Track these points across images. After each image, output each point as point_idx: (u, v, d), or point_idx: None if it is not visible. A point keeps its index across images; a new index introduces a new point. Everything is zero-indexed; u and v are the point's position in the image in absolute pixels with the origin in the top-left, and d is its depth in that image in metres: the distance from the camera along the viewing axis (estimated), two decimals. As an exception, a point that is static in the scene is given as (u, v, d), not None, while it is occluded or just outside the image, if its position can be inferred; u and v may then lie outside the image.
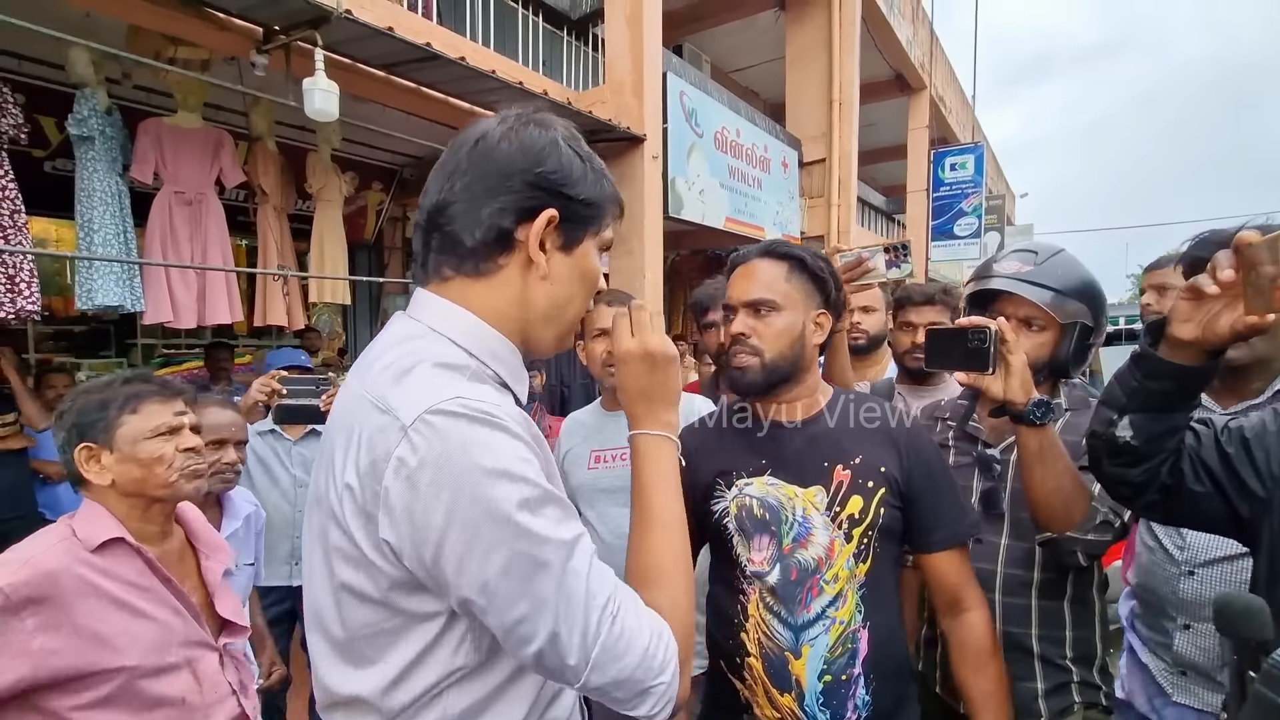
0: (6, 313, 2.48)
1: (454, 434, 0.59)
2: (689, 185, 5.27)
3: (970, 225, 9.96)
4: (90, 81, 2.68)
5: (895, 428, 1.15)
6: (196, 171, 3.10)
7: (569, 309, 0.76)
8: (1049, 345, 1.24)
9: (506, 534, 0.58)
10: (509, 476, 0.59)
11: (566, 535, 0.61)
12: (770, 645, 1.09)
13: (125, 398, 1.13)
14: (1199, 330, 0.85)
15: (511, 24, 4.53)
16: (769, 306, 1.13)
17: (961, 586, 1.12)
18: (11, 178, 2.52)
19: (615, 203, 0.79)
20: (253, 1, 2.60)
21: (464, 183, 0.70)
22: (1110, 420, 0.95)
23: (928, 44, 10.20)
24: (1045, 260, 1.26)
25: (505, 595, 0.59)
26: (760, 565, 1.10)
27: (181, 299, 3.05)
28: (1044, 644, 1.23)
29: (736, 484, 1.15)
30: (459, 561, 0.58)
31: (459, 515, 0.58)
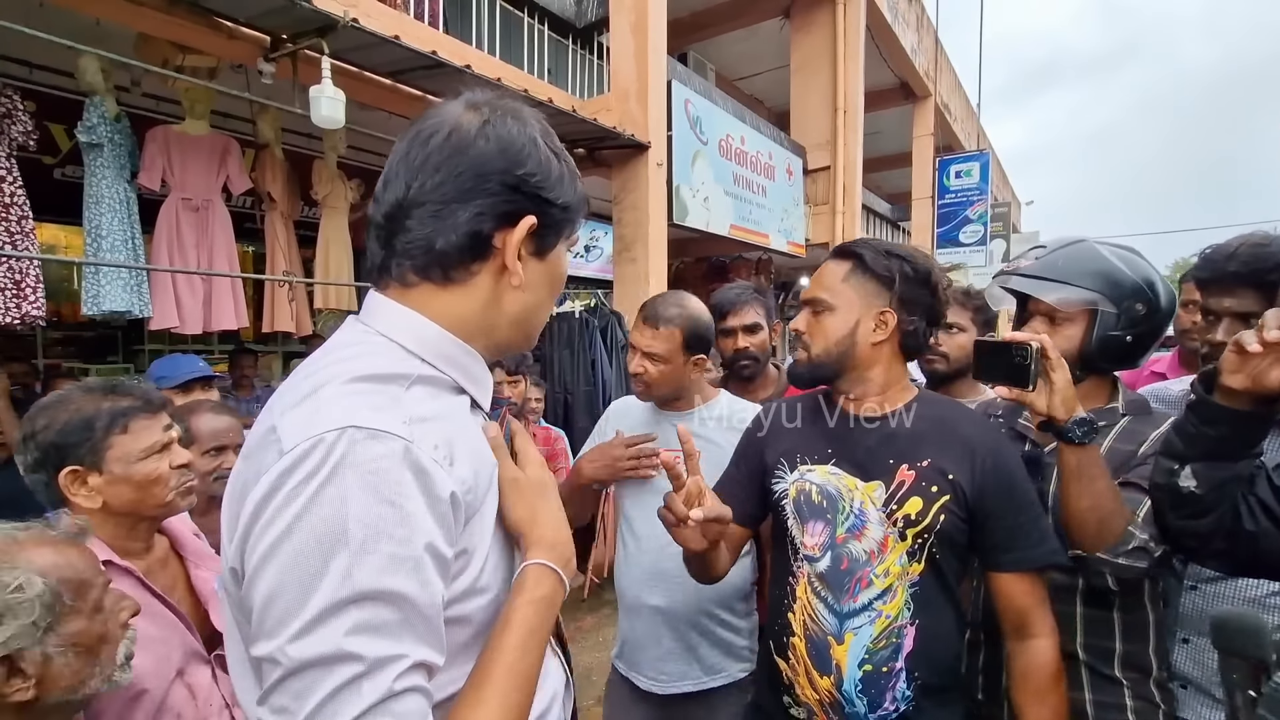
0: (12, 318, 2.49)
1: (320, 471, 0.50)
2: (693, 192, 5.27)
3: (976, 233, 9.94)
4: (99, 89, 2.70)
5: (978, 440, 1.12)
6: (203, 178, 3.12)
7: (539, 313, 0.73)
8: (1076, 338, 1.21)
9: (287, 634, 0.48)
10: (339, 557, 0.48)
11: (367, 651, 0.48)
12: (814, 628, 1.12)
13: (111, 416, 1.06)
14: (1249, 381, 0.85)
15: (517, 32, 4.56)
16: (822, 306, 1.16)
17: (1030, 611, 1.08)
18: (20, 184, 2.55)
19: (586, 204, 0.75)
20: (260, 10, 2.62)
21: (435, 181, 0.63)
22: (1171, 470, 0.93)
23: (933, 52, 10.21)
24: (1051, 252, 1.25)
25: (269, 678, 0.49)
26: (812, 550, 1.14)
27: (188, 305, 3.06)
28: (1090, 654, 1.19)
29: (800, 468, 1.18)
30: (257, 610, 0.50)
31: (273, 566, 0.49)
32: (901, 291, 1.14)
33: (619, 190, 4.64)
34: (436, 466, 0.55)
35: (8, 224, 2.48)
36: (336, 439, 0.51)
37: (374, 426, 0.52)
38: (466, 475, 0.60)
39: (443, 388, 0.66)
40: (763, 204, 6.41)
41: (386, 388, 0.59)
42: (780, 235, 6.77)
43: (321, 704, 0.47)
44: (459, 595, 0.59)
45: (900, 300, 1.14)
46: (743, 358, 1.92)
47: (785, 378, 1.99)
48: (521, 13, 4.57)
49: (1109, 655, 1.18)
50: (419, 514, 0.52)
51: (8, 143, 2.53)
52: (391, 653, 0.49)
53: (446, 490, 0.55)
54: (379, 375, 0.59)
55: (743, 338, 1.92)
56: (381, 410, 0.55)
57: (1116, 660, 1.17)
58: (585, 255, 7.10)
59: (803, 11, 7.29)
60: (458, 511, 0.57)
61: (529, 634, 0.62)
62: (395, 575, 0.50)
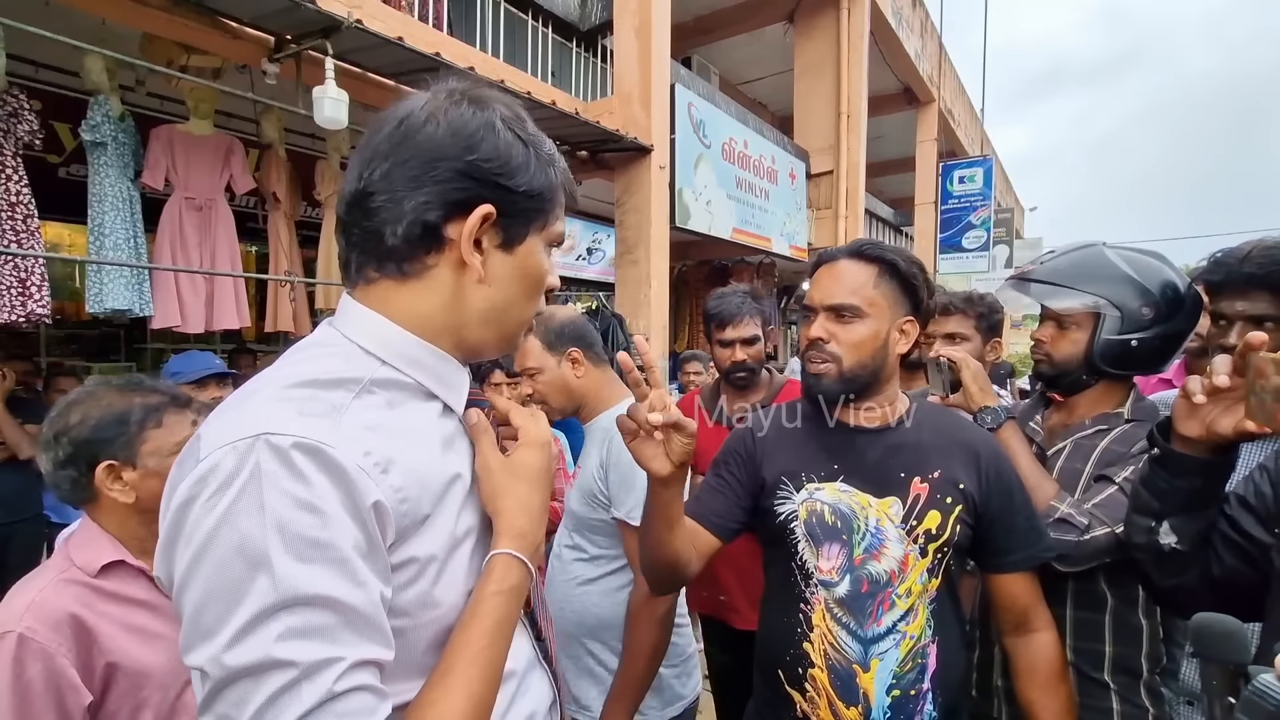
0: (16, 315, 2.50)
1: (235, 481, 0.49)
2: (696, 196, 5.27)
3: (979, 238, 9.94)
4: (104, 88, 2.72)
5: (979, 445, 1.12)
6: (207, 178, 3.13)
7: (511, 312, 0.68)
8: (1082, 342, 1.23)
9: (216, 643, 0.47)
10: (261, 566, 0.48)
11: (300, 656, 0.47)
12: (837, 657, 1.05)
13: (145, 410, 1.06)
14: (1202, 429, 0.84)
15: (521, 35, 4.57)
16: (852, 313, 1.07)
17: (1032, 607, 1.09)
18: (25, 183, 2.56)
19: (565, 191, 0.69)
20: (265, 10, 2.64)
21: (383, 169, 0.61)
22: (1149, 529, 0.91)
23: (936, 57, 10.22)
24: (1058, 257, 1.26)
25: (204, 690, 0.48)
26: (829, 574, 1.06)
27: (190, 304, 3.07)
28: (1079, 656, 1.18)
29: (806, 487, 1.10)
30: (187, 623, 0.49)
31: (197, 579, 0.49)
32: (921, 300, 1.12)
33: (621, 193, 4.65)
34: (361, 473, 0.52)
35: (14, 222, 2.49)
36: (250, 446, 0.50)
37: (290, 433, 0.50)
38: (404, 484, 0.57)
39: (406, 392, 0.63)
40: (765, 208, 6.42)
41: (329, 393, 0.57)
42: (783, 239, 6.78)
43: (261, 710, 0.46)
44: (408, 607, 0.58)
45: (917, 308, 1.12)
46: (740, 369, 1.91)
47: (778, 381, 1.99)
48: (525, 15, 4.59)
49: (1098, 659, 1.18)
50: (339, 517, 0.51)
51: (14, 141, 2.54)
52: (327, 655, 0.48)
53: (370, 498, 0.53)
54: (324, 380, 0.57)
55: (740, 350, 1.90)
56: (306, 416, 0.53)
57: (1106, 664, 1.17)
58: (588, 258, 7.11)
59: (806, 16, 7.31)
60: (384, 520, 0.54)
61: (495, 625, 0.61)
62: (322, 578, 0.49)
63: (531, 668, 0.73)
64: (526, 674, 0.72)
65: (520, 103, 0.69)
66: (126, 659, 0.97)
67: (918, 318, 1.12)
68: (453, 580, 0.62)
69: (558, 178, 0.68)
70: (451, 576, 0.62)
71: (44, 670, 0.89)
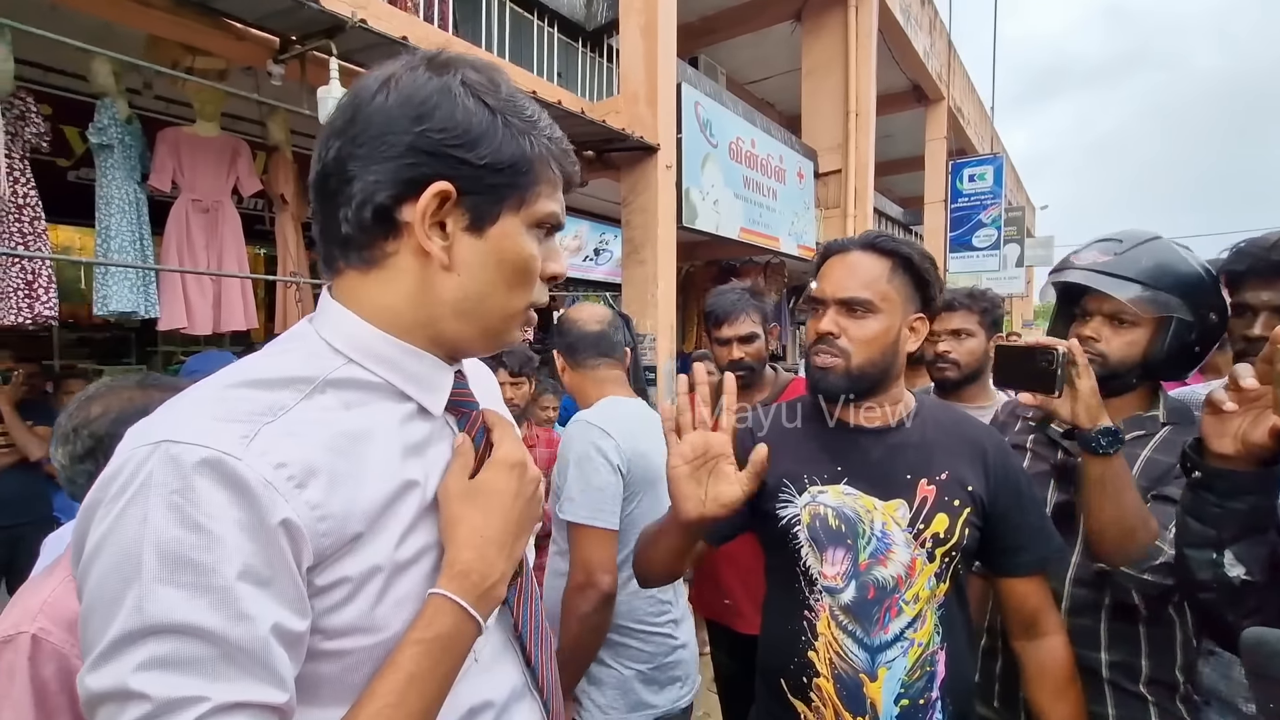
0: (24, 318, 2.50)
1: (129, 489, 0.46)
2: (703, 195, 5.25)
3: (989, 237, 9.84)
4: (111, 91, 2.72)
5: (985, 442, 1.08)
6: (213, 180, 3.14)
7: (488, 303, 0.60)
8: (1141, 343, 1.13)
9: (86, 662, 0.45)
10: (134, 585, 0.44)
11: (155, 691, 0.43)
12: (844, 666, 1.01)
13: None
14: (1237, 443, 0.79)
15: (527, 35, 4.56)
16: (865, 308, 1.03)
17: (1041, 610, 1.06)
18: (33, 185, 2.56)
19: (556, 164, 0.61)
20: (269, 11, 2.63)
21: (337, 148, 0.56)
22: (1211, 562, 0.84)
23: (945, 55, 10.14)
24: (1129, 249, 1.14)
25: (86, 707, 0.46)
26: (834, 580, 1.02)
27: (197, 306, 3.07)
28: (1115, 670, 1.13)
29: (809, 490, 1.06)
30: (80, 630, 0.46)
31: (85, 584, 0.46)
32: (932, 297, 1.08)
33: (628, 193, 4.63)
34: (268, 487, 0.47)
35: (20, 225, 2.50)
36: (149, 454, 0.46)
37: (192, 441, 0.46)
38: (325, 500, 0.51)
39: (371, 392, 0.58)
40: (773, 207, 6.38)
41: (272, 394, 0.52)
42: (791, 238, 6.73)
43: None
44: (344, 628, 0.53)
45: (927, 304, 1.08)
46: (738, 368, 1.88)
47: (783, 378, 1.96)
48: (531, 15, 4.59)
49: (1134, 672, 1.13)
50: (230, 539, 0.45)
51: (21, 144, 2.55)
52: (186, 694, 0.43)
53: (276, 516, 0.47)
54: (271, 379, 0.54)
55: (738, 348, 1.87)
56: (222, 421, 0.49)
57: (1142, 677, 1.12)
58: (595, 258, 7.10)
59: (814, 15, 7.27)
60: (297, 540, 0.49)
61: (408, 680, 0.53)
62: (194, 607, 0.44)
63: (518, 698, 0.67)
64: (509, 705, 0.66)
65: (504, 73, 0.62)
66: None
67: (928, 314, 1.09)
68: (401, 603, 0.56)
69: (536, 148, 0.59)
70: (399, 598, 0.56)
71: (58, 671, 0.87)
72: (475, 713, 0.62)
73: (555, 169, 0.62)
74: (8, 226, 2.47)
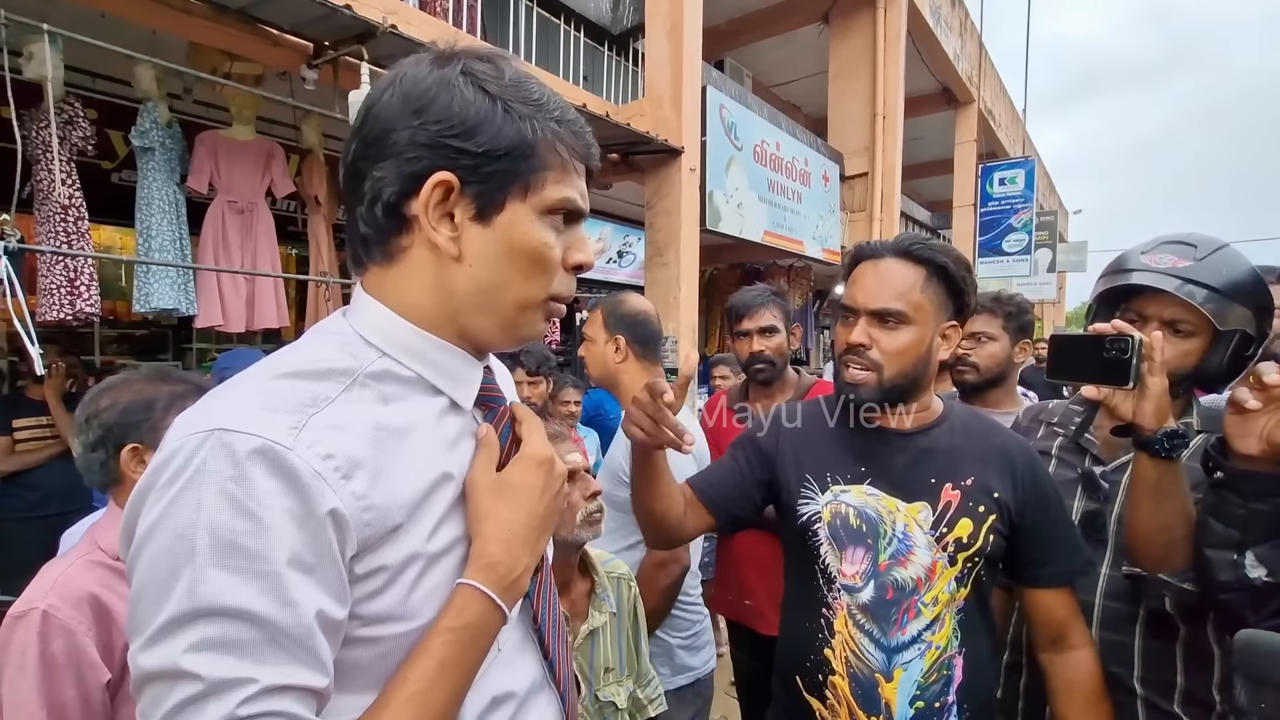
0: (66, 314, 2.60)
1: (182, 475, 0.47)
2: (727, 198, 5.24)
3: (1020, 241, 9.65)
4: (154, 96, 2.82)
5: (1015, 452, 1.06)
6: (249, 182, 3.22)
7: (504, 294, 0.60)
8: (1195, 354, 1.08)
9: (137, 642, 0.46)
10: (188, 567, 0.45)
11: (207, 671, 0.44)
12: (859, 665, 1.01)
13: (170, 398, 1.10)
14: (1263, 444, 0.77)
15: (554, 39, 4.61)
16: (897, 319, 1.01)
17: (1069, 623, 1.04)
18: (78, 187, 2.66)
19: (555, 147, 0.59)
20: (305, 18, 2.71)
21: (353, 149, 0.58)
22: (1232, 563, 0.82)
23: (976, 57, 9.98)
24: (1207, 255, 1.08)
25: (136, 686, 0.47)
26: (852, 579, 1.03)
27: (231, 304, 3.16)
28: (1149, 688, 1.09)
29: (831, 489, 1.06)
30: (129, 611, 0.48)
31: (137, 568, 0.48)
32: (966, 303, 1.06)
33: (652, 195, 4.64)
34: (317, 478, 0.48)
35: (65, 224, 2.60)
36: (202, 441, 0.47)
37: (246, 430, 0.48)
38: (369, 491, 0.52)
39: (405, 386, 0.59)
40: (798, 210, 6.34)
41: (314, 385, 0.53)
42: (815, 242, 6.68)
43: (167, 717, 0.45)
44: (380, 616, 0.54)
45: (960, 311, 1.06)
46: (758, 360, 1.89)
47: (806, 380, 1.95)
48: (558, 19, 4.63)
49: (1169, 689, 1.09)
50: (280, 526, 0.47)
51: (68, 147, 2.65)
52: (236, 675, 0.45)
53: (326, 505, 0.49)
54: (313, 371, 0.55)
55: (758, 340, 1.89)
56: (272, 412, 0.50)
57: (1177, 695, 1.08)
58: (618, 261, 7.13)
59: (842, 17, 7.21)
60: (343, 530, 0.50)
61: (439, 667, 0.54)
62: (245, 592, 0.45)
63: (538, 690, 0.69)
64: (529, 697, 0.67)
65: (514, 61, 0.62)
66: None
67: (961, 322, 1.07)
68: (433, 592, 0.57)
69: (541, 131, 0.58)
70: (431, 587, 0.57)
71: (65, 646, 0.92)
72: (498, 703, 0.63)
73: (564, 152, 0.60)
74: (54, 226, 2.57)
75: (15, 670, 0.90)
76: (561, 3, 4.62)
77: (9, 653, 0.91)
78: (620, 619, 1.33)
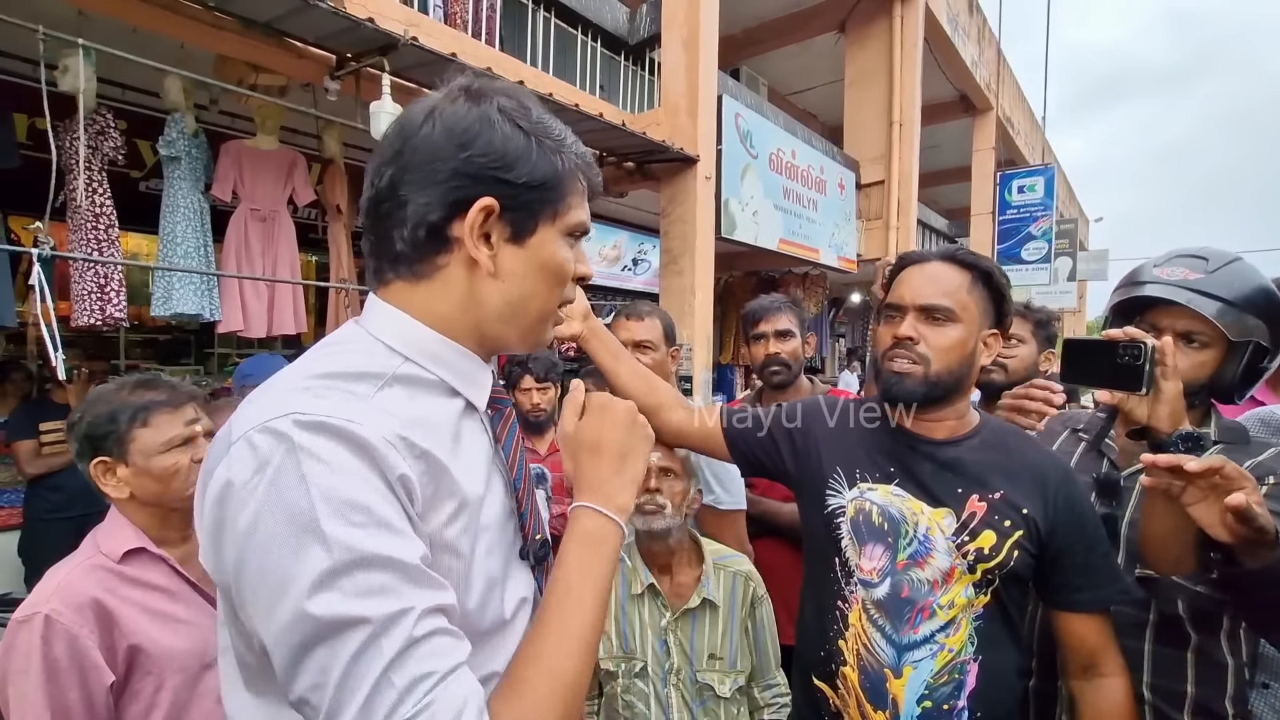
0: (96, 319, 2.66)
1: (273, 459, 0.51)
2: (742, 206, 5.24)
3: (1039, 249, 9.54)
4: (181, 106, 2.89)
5: (1049, 472, 1.05)
6: (271, 190, 3.29)
7: (530, 305, 0.67)
8: (1210, 365, 1.10)
9: (290, 602, 0.49)
10: (314, 533, 0.49)
11: (373, 612, 0.48)
12: (870, 659, 1.04)
13: (134, 409, 1.09)
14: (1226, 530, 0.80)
15: (571, 49, 4.66)
16: (945, 315, 1.04)
17: (1102, 650, 1.02)
18: (109, 195, 2.73)
19: (583, 178, 0.68)
20: (328, 31, 2.77)
21: (388, 176, 0.62)
22: None
23: (994, 64, 9.92)
24: (1219, 268, 1.11)
25: (287, 660, 0.49)
26: (869, 575, 1.05)
27: (253, 310, 3.22)
28: (1157, 694, 1.09)
29: (859, 485, 1.09)
30: (250, 603, 0.51)
31: (252, 555, 0.50)
32: (1006, 314, 1.09)
33: (667, 203, 4.66)
34: (389, 447, 0.54)
35: (96, 232, 2.67)
36: (282, 425, 0.52)
37: (317, 412, 0.52)
38: (426, 468, 0.58)
39: (429, 389, 0.64)
40: (813, 218, 6.33)
41: (352, 385, 0.58)
42: (831, 250, 6.66)
43: (347, 670, 0.48)
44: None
45: (1000, 321, 1.09)
46: (774, 363, 1.90)
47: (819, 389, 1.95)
48: (575, 30, 4.68)
49: (1179, 699, 1.08)
50: (375, 484, 0.52)
51: (100, 158, 2.72)
52: (397, 608, 0.50)
53: (398, 470, 0.54)
54: (345, 373, 0.59)
55: (774, 343, 1.90)
56: (324, 399, 0.55)
57: (1187, 705, 1.07)
58: (634, 268, 7.15)
59: (858, 26, 7.21)
60: (412, 494, 0.55)
61: (579, 570, 0.64)
62: (374, 539, 0.50)
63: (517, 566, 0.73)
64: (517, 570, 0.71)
65: (533, 94, 0.69)
66: (147, 640, 1.01)
67: (1001, 331, 1.09)
68: (467, 576, 0.62)
69: (567, 164, 0.66)
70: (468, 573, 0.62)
71: (68, 649, 0.94)
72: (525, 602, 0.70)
73: (582, 181, 0.68)
74: (85, 234, 2.64)
75: (20, 674, 0.92)
76: (579, 14, 4.66)
77: (13, 657, 0.93)
78: (733, 611, 1.38)
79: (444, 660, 0.51)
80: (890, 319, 1.10)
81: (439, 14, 3.57)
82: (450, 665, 0.51)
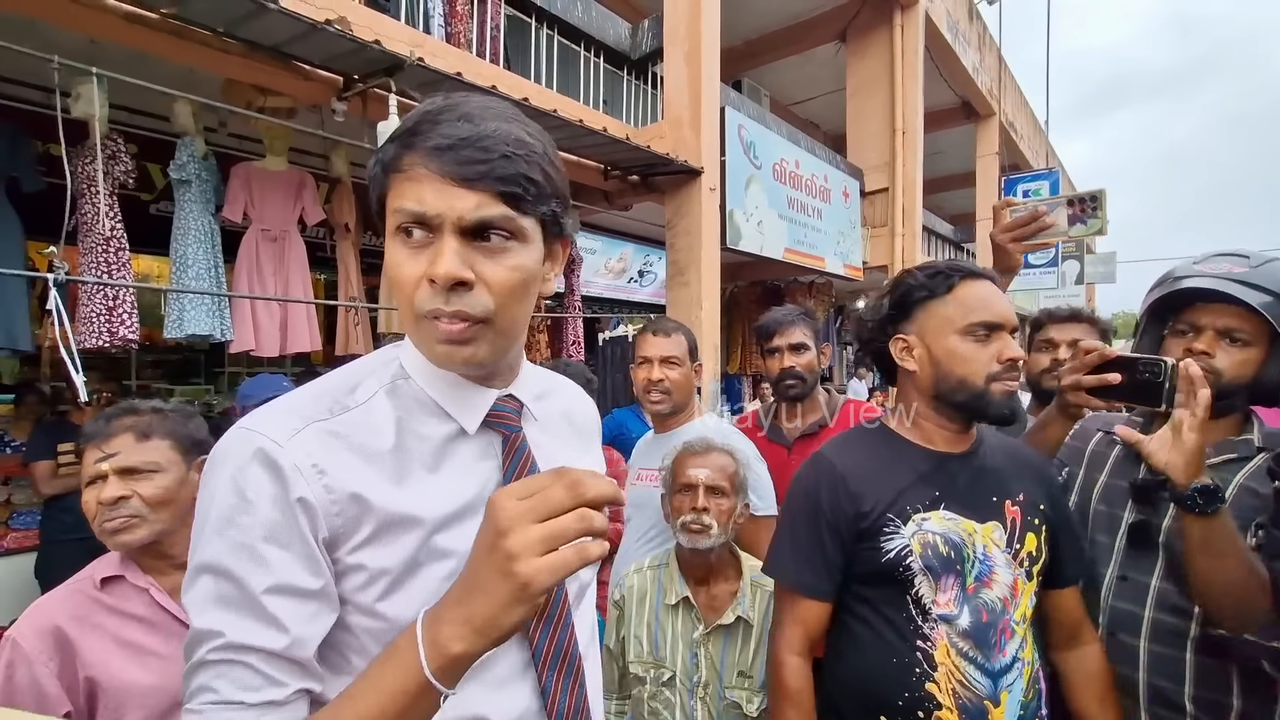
0: (104, 341, 2.68)
1: (213, 463, 0.60)
2: (747, 217, 5.25)
3: (1046, 253, 9.50)
4: (191, 130, 2.92)
5: (1040, 463, 1.16)
6: (281, 210, 3.31)
7: (402, 314, 0.64)
8: (1253, 364, 1.07)
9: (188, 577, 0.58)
10: (205, 527, 0.57)
11: (197, 622, 0.55)
12: (967, 694, 0.98)
13: (87, 436, 1.06)
14: None
15: (574, 66, 4.69)
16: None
17: (1083, 620, 1.13)
18: (119, 219, 2.76)
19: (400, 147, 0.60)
20: (334, 52, 2.80)
21: None
22: None
23: (996, 70, 9.94)
24: (1262, 264, 1.09)
25: None
26: (947, 607, 1.01)
27: (265, 329, 3.23)
28: (1200, 706, 1.05)
29: (913, 518, 1.04)
30: None
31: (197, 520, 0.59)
32: None
33: (672, 215, 4.67)
34: (295, 471, 0.57)
35: (106, 255, 2.69)
36: (228, 438, 0.59)
37: (253, 429, 0.59)
38: (338, 494, 0.59)
39: (423, 409, 0.67)
40: (818, 227, 6.33)
41: (339, 398, 0.64)
42: (836, 258, 6.65)
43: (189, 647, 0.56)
44: (349, 602, 0.61)
45: None
46: (789, 376, 1.88)
47: (835, 400, 1.93)
48: (578, 46, 4.72)
49: (1223, 712, 1.04)
50: (264, 508, 0.56)
51: (110, 181, 2.76)
52: (211, 627, 0.55)
53: (296, 493, 0.57)
54: (336, 387, 0.65)
55: (789, 356, 1.89)
56: (279, 415, 0.61)
57: (1233, 719, 1.03)
58: (639, 280, 7.16)
59: (858, 35, 7.25)
60: (312, 516, 0.58)
61: (367, 686, 0.53)
62: (230, 556, 0.55)
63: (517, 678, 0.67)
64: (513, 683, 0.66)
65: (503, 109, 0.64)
66: (105, 675, 0.96)
67: None
68: (407, 601, 0.61)
69: (385, 153, 0.62)
70: (406, 598, 0.61)
71: (27, 676, 0.92)
72: None
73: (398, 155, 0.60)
74: (96, 257, 2.66)
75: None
76: (581, 30, 4.70)
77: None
78: (767, 631, 1.27)
79: (235, 691, 0.54)
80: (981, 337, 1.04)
81: (441, 34, 3.61)
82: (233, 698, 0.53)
